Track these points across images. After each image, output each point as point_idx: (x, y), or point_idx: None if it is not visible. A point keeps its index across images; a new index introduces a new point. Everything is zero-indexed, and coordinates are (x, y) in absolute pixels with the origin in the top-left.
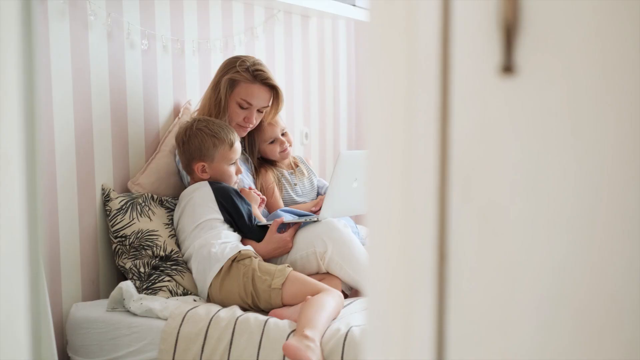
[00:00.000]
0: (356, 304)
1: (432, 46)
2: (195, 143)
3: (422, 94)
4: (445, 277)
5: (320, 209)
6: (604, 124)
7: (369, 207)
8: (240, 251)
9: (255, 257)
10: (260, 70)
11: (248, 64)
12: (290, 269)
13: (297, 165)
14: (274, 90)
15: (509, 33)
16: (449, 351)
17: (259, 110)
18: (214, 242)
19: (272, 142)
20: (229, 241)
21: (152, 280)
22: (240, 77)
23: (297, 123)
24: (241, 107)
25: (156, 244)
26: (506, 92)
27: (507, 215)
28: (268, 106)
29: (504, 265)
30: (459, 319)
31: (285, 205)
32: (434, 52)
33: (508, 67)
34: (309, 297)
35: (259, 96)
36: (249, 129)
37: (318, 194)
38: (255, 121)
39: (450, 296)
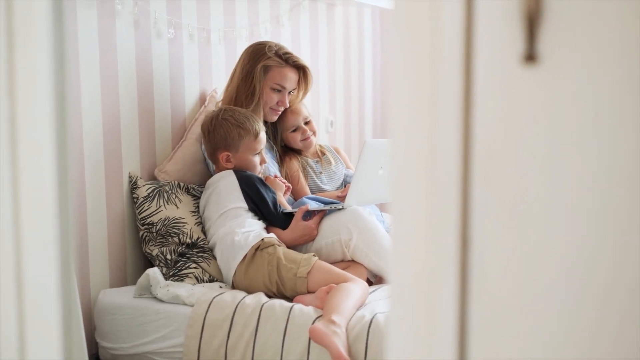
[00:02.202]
0: (381, 291)
1: (455, 35)
2: (220, 133)
3: (446, 82)
4: (467, 264)
5: (345, 197)
6: (624, 113)
7: (393, 194)
8: (263, 239)
9: (279, 245)
10: (289, 53)
11: (275, 48)
12: (316, 258)
13: (323, 154)
14: (301, 70)
15: (532, 22)
16: (472, 336)
17: (289, 92)
18: (237, 230)
19: (294, 131)
20: (252, 230)
21: (178, 267)
22: (273, 62)
23: (322, 111)
24: (275, 92)
25: (182, 231)
26: (528, 80)
27: (529, 201)
28: (296, 88)
29: (526, 251)
30: (481, 304)
31: (312, 192)
32: (457, 40)
33: (531, 56)
34: (335, 285)
35: (291, 78)
36: (280, 112)
37: (345, 183)
38: (287, 103)
39: (472, 282)
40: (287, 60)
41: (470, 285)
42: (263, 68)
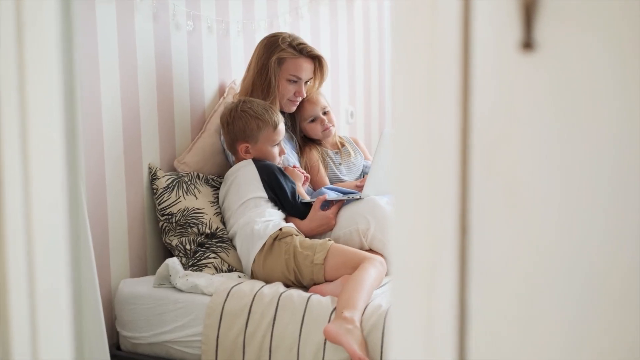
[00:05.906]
0: None
1: (453, 23)
2: (239, 124)
3: (444, 71)
4: (467, 253)
5: (363, 187)
6: (623, 99)
7: (395, 184)
8: (281, 229)
9: (297, 235)
10: (303, 44)
11: (289, 39)
12: (332, 242)
13: (342, 145)
14: (316, 60)
15: (529, 10)
16: (471, 324)
17: (305, 82)
18: (257, 219)
19: (312, 121)
20: (271, 219)
21: (197, 257)
22: (287, 54)
23: (342, 102)
24: (291, 83)
25: (202, 222)
26: (526, 68)
27: (528, 189)
28: (312, 77)
29: (526, 240)
30: (481, 292)
31: (331, 183)
32: (454, 28)
33: (528, 44)
34: (348, 276)
35: (306, 68)
36: (298, 102)
37: (363, 174)
38: (304, 93)
39: (472, 271)
40: (302, 50)
41: (470, 275)
42: (277, 60)
